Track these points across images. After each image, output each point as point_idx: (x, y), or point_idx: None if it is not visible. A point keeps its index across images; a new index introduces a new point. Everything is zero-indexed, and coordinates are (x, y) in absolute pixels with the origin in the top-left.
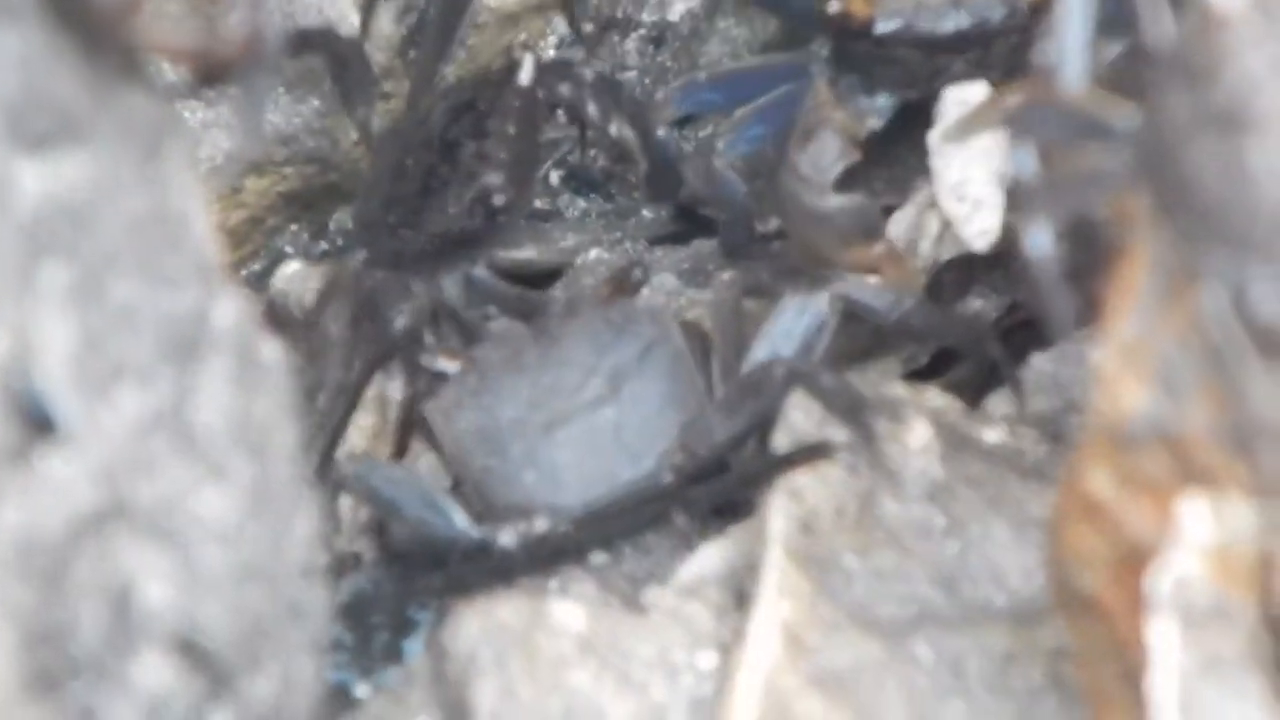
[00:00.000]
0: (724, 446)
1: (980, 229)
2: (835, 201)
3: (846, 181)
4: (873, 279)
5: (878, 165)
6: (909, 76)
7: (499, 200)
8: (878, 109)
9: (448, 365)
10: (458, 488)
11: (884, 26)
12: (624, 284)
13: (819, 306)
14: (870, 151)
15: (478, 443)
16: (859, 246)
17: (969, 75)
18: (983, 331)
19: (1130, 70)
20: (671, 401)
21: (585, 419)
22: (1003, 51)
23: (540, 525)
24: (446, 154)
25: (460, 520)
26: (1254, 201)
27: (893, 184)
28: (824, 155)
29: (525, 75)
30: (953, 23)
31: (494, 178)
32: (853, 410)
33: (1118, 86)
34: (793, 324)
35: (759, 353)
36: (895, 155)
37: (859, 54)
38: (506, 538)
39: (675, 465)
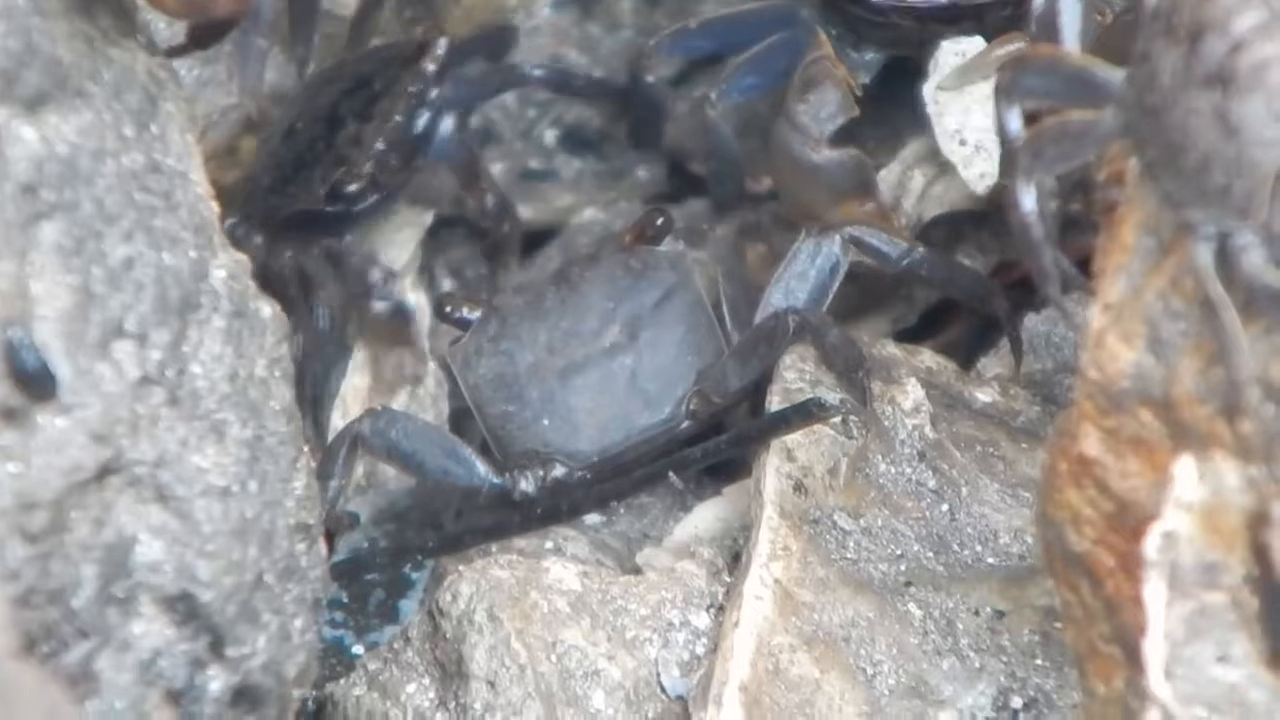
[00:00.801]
0: (738, 394)
1: (980, 172)
2: (828, 155)
3: (835, 138)
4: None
5: (863, 123)
6: (899, 39)
7: (353, 189)
8: (866, 64)
9: (469, 313)
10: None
11: None
12: (646, 231)
13: (832, 248)
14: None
15: (496, 388)
16: (850, 202)
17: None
18: (990, 285)
19: (1120, 33)
20: (689, 348)
21: (602, 365)
22: (996, 23)
23: (557, 471)
24: (328, 129)
25: (481, 468)
26: (1238, 159)
27: (879, 143)
28: (824, 108)
29: (432, 61)
30: None
31: (358, 165)
32: (852, 368)
33: (1107, 49)
34: (806, 266)
35: (774, 297)
36: (881, 114)
37: (852, 18)
38: (526, 484)
39: (692, 411)
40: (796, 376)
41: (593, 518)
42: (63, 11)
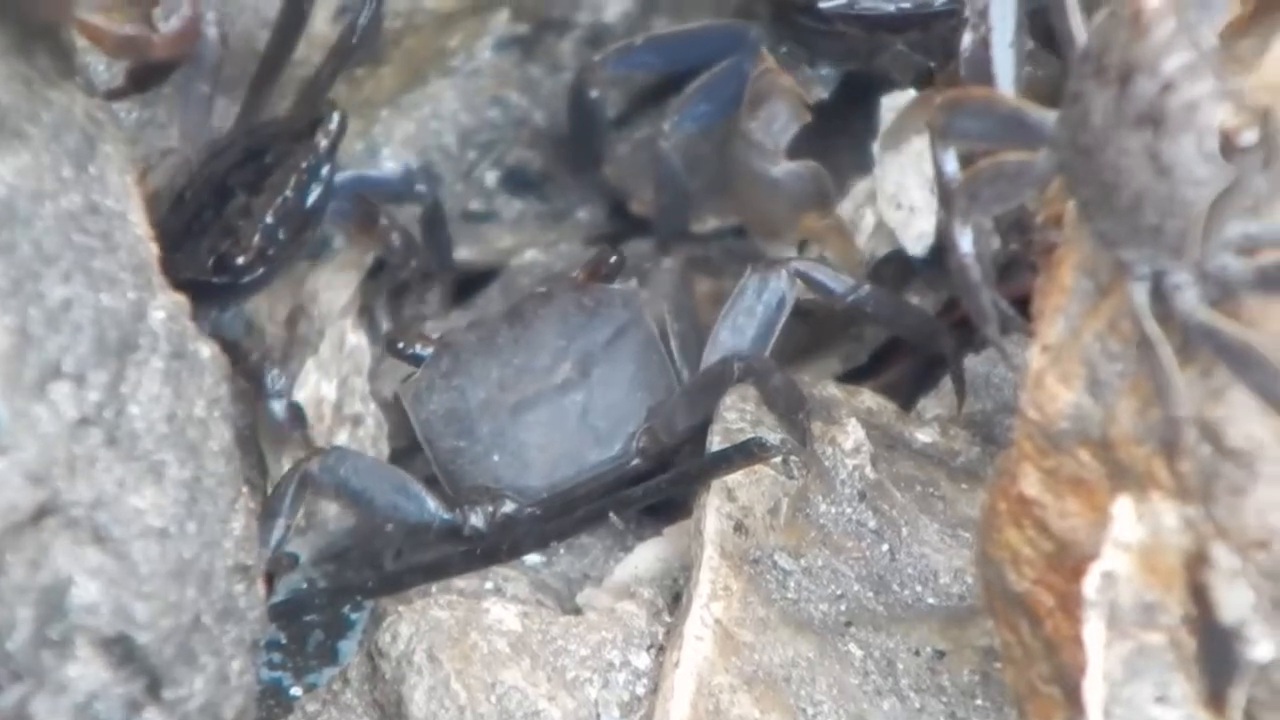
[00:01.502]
0: (686, 434)
1: (917, 234)
2: (786, 168)
3: (793, 152)
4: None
5: (823, 143)
6: (848, 52)
7: (241, 261)
8: (821, 79)
9: (422, 349)
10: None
11: (827, 3)
12: (599, 269)
13: (779, 283)
14: (812, 130)
15: (447, 423)
16: (811, 215)
17: (908, 55)
18: (935, 324)
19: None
20: (640, 385)
21: (554, 402)
22: (942, 32)
23: (507, 507)
24: (217, 198)
25: (432, 504)
26: (1170, 198)
27: (832, 173)
28: (775, 120)
29: (325, 136)
30: (894, 3)
31: (247, 238)
32: (793, 410)
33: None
34: (753, 301)
35: (722, 333)
36: (832, 142)
37: (800, 28)
38: (476, 519)
39: (642, 449)
40: (737, 416)
41: (533, 558)
42: (3, 53)
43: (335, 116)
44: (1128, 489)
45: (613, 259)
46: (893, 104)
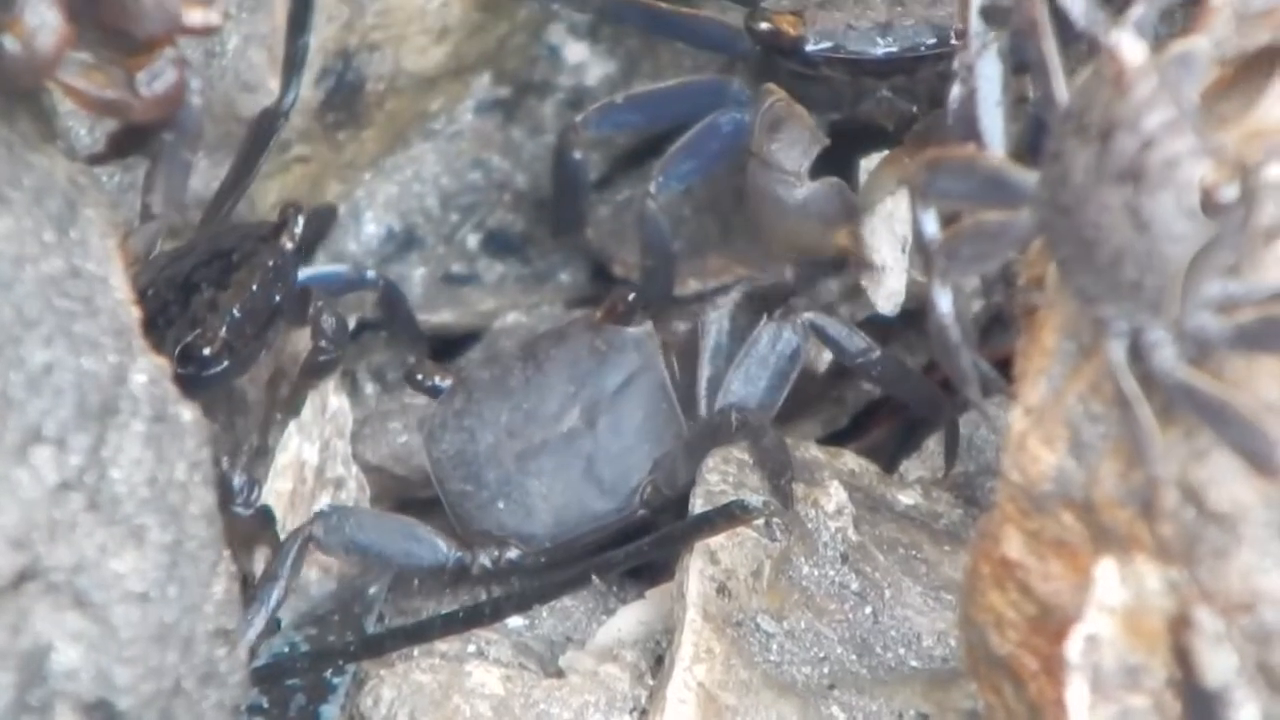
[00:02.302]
0: (687, 486)
1: (887, 293)
2: (811, 187)
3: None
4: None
5: None
6: (834, 98)
7: (207, 353)
8: (819, 125)
9: (440, 381)
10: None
11: (814, 47)
12: (616, 308)
13: (792, 335)
14: None
15: (456, 466)
16: (839, 229)
17: (893, 101)
18: (937, 394)
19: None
20: (647, 435)
21: (559, 451)
22: (929, 77)
23: (512, 554)
24: (183, 294)
25: (442, 545)
26: (1150, 254)
27: None
28: (795, 144)
29: (290, 238)
30: (882, 48)
31: (213, 330)
32: (777, 474)
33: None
34: (767, 352)
35: (735, 383)
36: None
37: (785, 73)
38: (484, 559)
39: (646, 500)
40: (720, 479)
41: (515, 620)
42: None
43: (300, 219)
44: (1111, 551)
45: (629, 298)
46: (869, 165)
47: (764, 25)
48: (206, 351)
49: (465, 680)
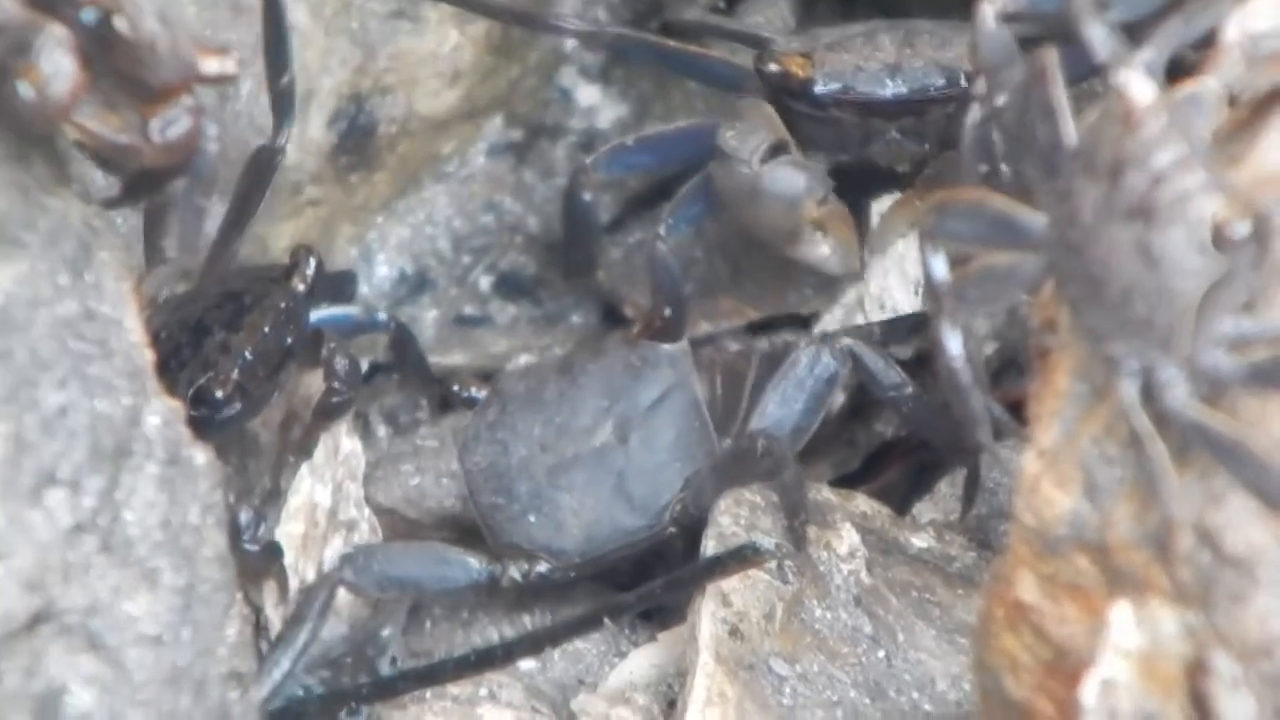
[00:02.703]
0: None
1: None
2: (767, 167)
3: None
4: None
5: None
6: (844, 139)
7: (219, 395)
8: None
9: (475, 392)
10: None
11: (823, 88)
12: (653, 322)
13: (830, 360)
14: None
15: (488, 478)
16: (809, 205)
17: (901, 143)
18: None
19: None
20: (678, 453)
21: (591, 466)
22: (938, 119)
23: (542, 568)
24: (195, 337)
25: (474, 563)
26: (1160, 291)
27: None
28: (752, 132)
29: (302, 280)
30: (891, 89)
31: (225, 372)
32: (792, 513)
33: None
34: (805, 375)
35: (770, 405)
36: None
37: (794, 115)
38: (514, 572)
39: (675, 519)
40: (731, 521)
41: (527, 663)
42: (0, 160)
43: (311, 261)
44: (1126, 595)
45: (666, 313)
46: (881, 208)
47: (773, 67)
48: (219, 394)
49: None
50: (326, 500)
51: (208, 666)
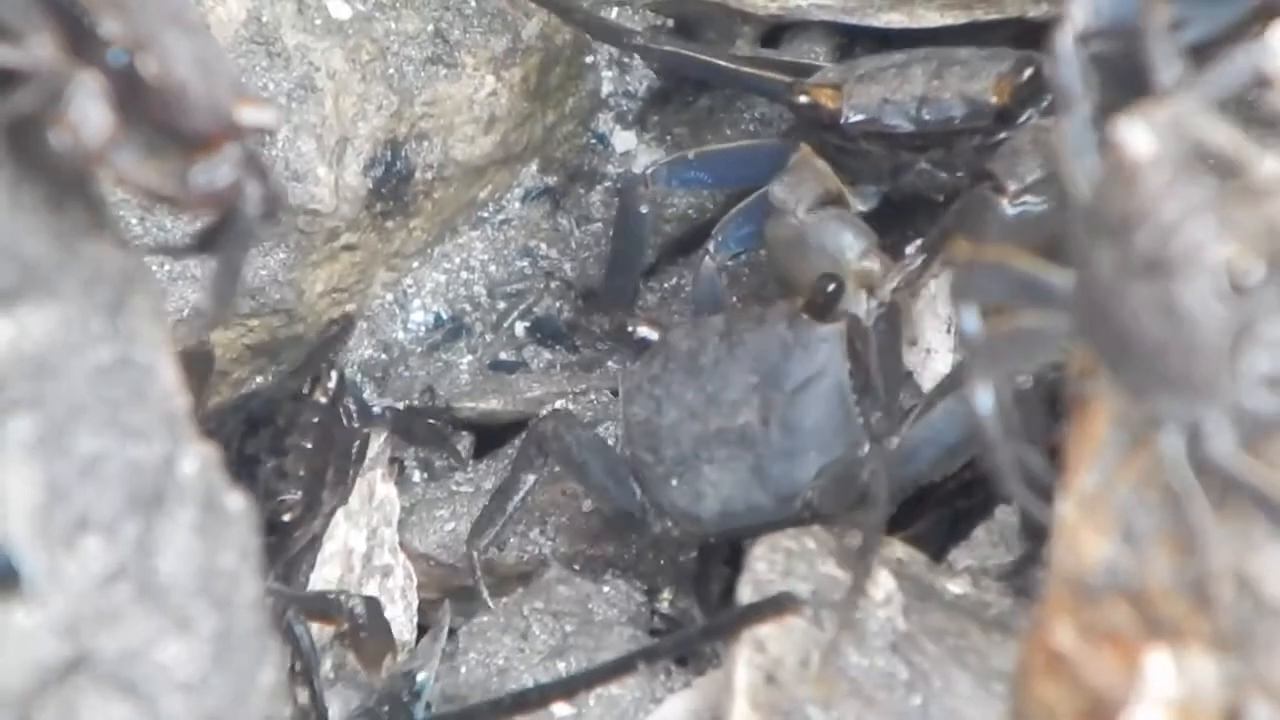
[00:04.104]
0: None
1: (934, 375)
2: (811, 219)
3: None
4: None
5: None
6: (876, 171)
7: (290, 517)
8: (864, 195)
9: (649, 333)
10: None
11: (850, 120)
12: (816, 298)
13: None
14: None
15: (641, 434)
16: (850, 261)
17: (933, 174)
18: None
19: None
20: (816, 442)
21: (732, 442)
22: (966, 150)
23: (678, 531)
24: (243, 470)
25: (637, 493)
26: (1191, 341)
27: None
28: (801, 184)
29: (326, 392)
30: (915, 121)
31: (291, 496)
32: (859, 554)
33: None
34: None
35: (938, 418)
36: None
37: (829, 147)
38: (659, 526)
39: (808, 505)
40: (767, 567)
41: (563, 709)
42: (35, 207)
43: (334, 374)
44: (1165, 642)
45: (830, 288)
46: (910, 249)
47: (803, 98)
48: (288, 518)
49: None
50: (361, 546)
51: (242, 714)
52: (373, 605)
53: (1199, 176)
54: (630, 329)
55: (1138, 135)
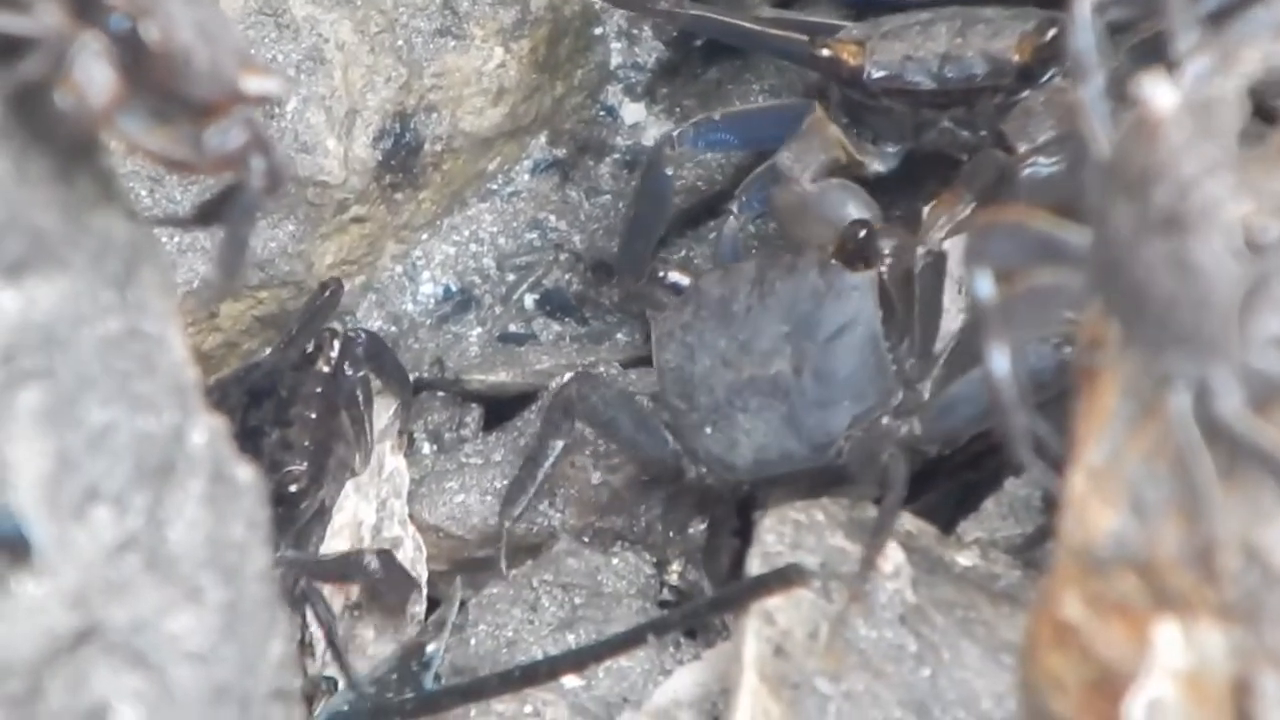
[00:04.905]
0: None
1: (945, 335)
2: (814, 189)
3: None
4: None
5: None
6: (898, 128)
7: (295, 488)
8: (885, 156)
9: (680, 278)
10: None
11: (872, 76)
12: (847, 244)
13: (1047, 355)
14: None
15: (674, 381)
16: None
17: (955, 132)
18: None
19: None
20: (849, 391)
21: (766, 390)
22: (987, 108)
23: (712, 479)
24: (248, 442)
25: (670, 442)
26: (1203, 297)
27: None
28: (807, 152)
29: (326, 363)
30: (937, 79)
31: (296, 466)
32: (873, 531)
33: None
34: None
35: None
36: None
37: (853, 104)
38: (692, 474)
39: (841, 454)
40: (776, 539)
41: (572, 681)
42: (44, 179)
43: (335, 344)
44: (1174, 613)
45: (862, 234)
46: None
47: (825, 52)
48: (294, 489)
49: None
50: (371, 517)
51: (252, 684)
52: (386, 557)
53: (1218, 136)
54: (662, 274)
55: (1161, 92)
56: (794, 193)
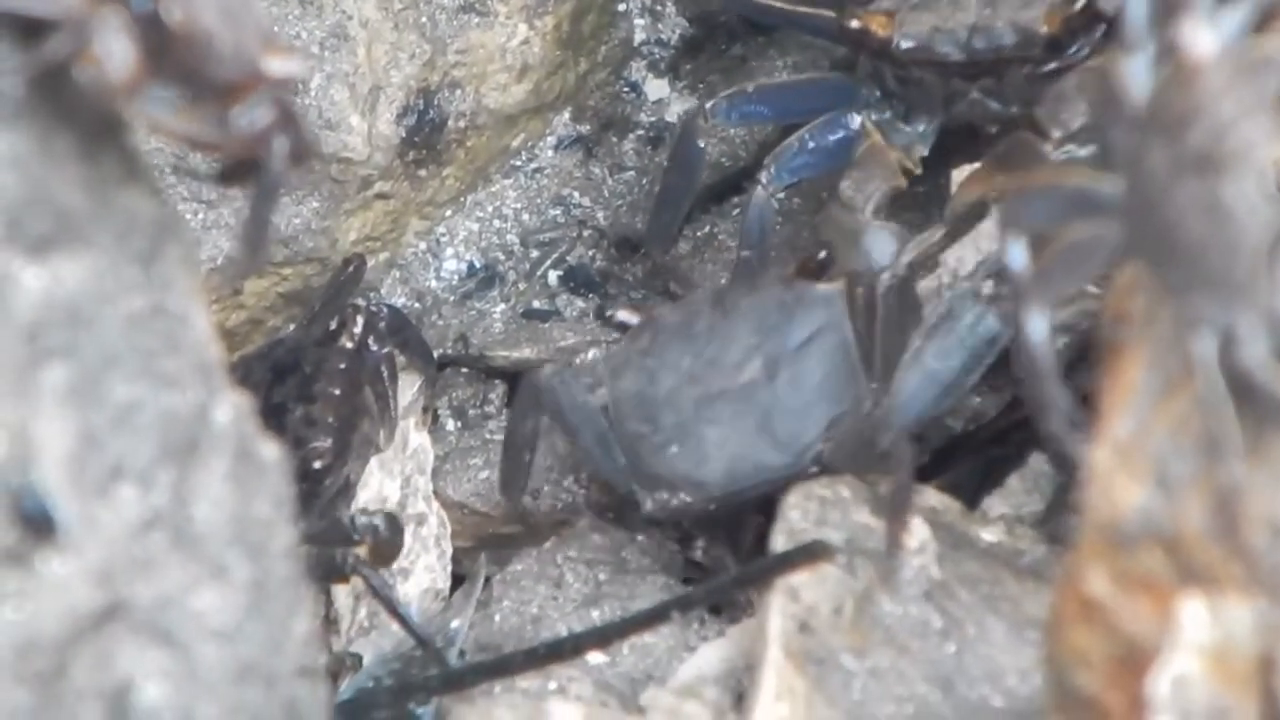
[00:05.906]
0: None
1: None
2: (874, 225)
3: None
4: None
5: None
6: (929, 101)
7: (320, 465)
8: (920, 135)
9: (629, 317)
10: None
11: (901, 46)
12: (808, 264)
13: (993, 321)
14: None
15: (634, 406)
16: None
17: (984, 103)
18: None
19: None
20: (825, 395)
21: (737, 400)
22: (1017, 79)
23: (681, 499)
24: (272, 418)
25: (622, 465)
26: (1233, 241)
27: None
28: (869, 181)
29: (349, 339)
30: (966, 49)
31: (321, 443)
32: (895, 514)
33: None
34: (965, 335)
35: (928, 356)
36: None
37: (883, 76)
38: (650, 506)
39: (817, 459)
40: (800, 516)
41: (596, 657)
42: (69, 157)
43: (359, 319)
44: (1199, 588)
45: (820, 256)
46: (960, 177)
47: (854, 23)
48: (318, 465)
49: (546, 717)
50: (395, 494)
51: (277, 661)
52: (390, 519)
53: (1257, 80)
54: (609, 313)
55: (1202, 35)
56: (853, 219)
